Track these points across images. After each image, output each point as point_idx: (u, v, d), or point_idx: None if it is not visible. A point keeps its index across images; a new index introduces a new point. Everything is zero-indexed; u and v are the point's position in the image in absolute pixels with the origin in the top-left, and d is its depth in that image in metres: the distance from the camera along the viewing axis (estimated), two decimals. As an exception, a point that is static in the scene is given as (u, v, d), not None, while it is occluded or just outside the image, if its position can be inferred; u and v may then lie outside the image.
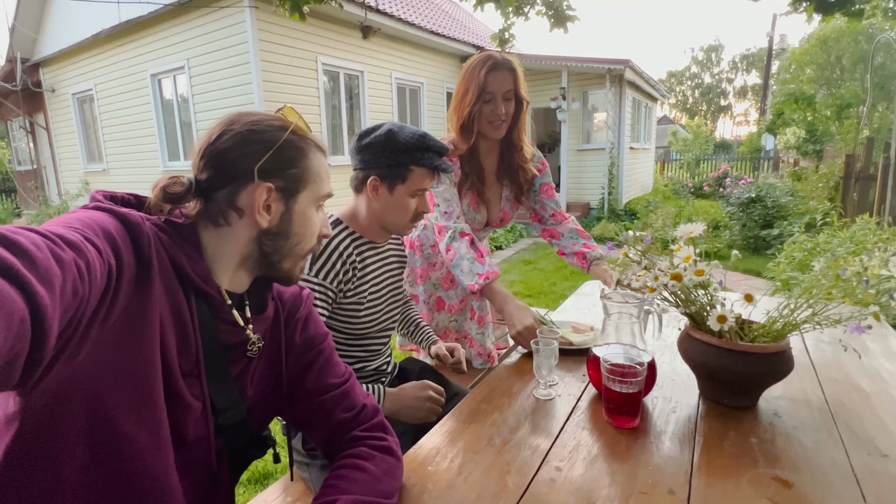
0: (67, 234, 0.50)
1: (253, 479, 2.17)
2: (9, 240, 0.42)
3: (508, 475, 0.85)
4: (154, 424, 0.64)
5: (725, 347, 0.98)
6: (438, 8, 10.39)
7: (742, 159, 14.70)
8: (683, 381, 1.17)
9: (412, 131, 1.20)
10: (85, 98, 9.03)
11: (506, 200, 1.74)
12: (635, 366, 0.96)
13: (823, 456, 0.88)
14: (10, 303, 0.38)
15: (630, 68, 9.05)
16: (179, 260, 0.68)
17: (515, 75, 1.52)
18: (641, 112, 11.59)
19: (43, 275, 0.43)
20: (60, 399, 0.57)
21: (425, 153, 1.20)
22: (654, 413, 1.04)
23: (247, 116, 0.75)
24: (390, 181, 1.22)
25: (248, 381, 0.80)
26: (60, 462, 0.59)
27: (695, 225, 0.99)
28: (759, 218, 6.33)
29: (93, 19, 7.72)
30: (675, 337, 1.39)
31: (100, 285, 0.54)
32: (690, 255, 0.97)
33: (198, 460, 0.74)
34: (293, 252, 0.78)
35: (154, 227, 0.67)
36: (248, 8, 5.85)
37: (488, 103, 1.50)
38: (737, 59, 45.78)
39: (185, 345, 0.69)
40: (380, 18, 7.03)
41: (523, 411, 1.08)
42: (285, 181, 0.74)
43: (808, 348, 1.37)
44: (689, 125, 19.43)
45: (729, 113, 48.78)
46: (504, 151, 1.67)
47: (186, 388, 0.69)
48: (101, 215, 0.61)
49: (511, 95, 1.52)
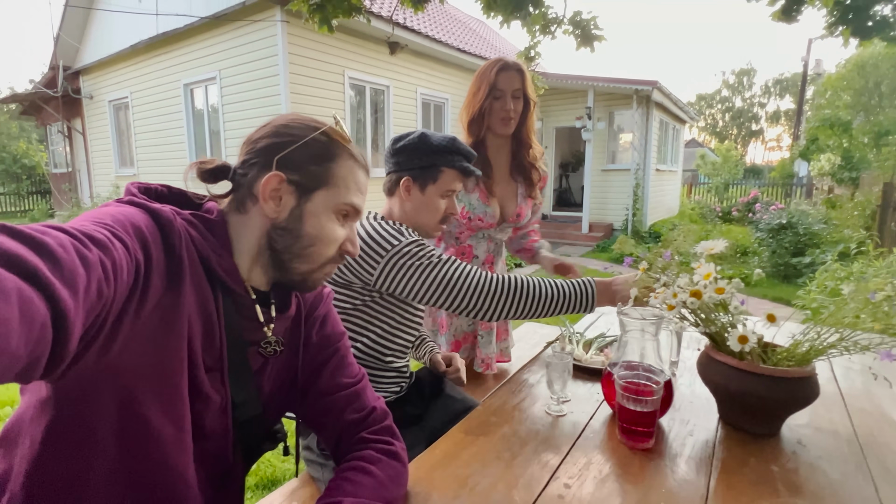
0: (94, 233, 0.51)
1: (261, 485, 2.16)
2: (35, 241, 0.42)
3: (515, 489, 0.83)
4: (178, 418, 0.66)
5: (747, 370, 0.94)
6: (465, 25, 10.53)
7: (773, 185, 14.41)
8: (703, 404, 1.13)
9: (443, 135, 1.28)
10: (120, 105, 9.34)
11: (521, 197, 1.77)
12: (651, 384, 0.93)
13: (850, 489, 0.84)
14: (33, 308, 0.38)
15: (658, 89, 8.98)
16: (208, 256, 0.69)
17: (524, 76, 1.61)
18: (669, 134, 11.48)
19: (67, 277, 0.43)
20: (92, 392, 0.59)
21: (455, 155, 1.27)
22: (670, 435, 1.01)
23: (291, 115, 0.77)
24: (422, 181, 1.27)
25: (265, 376, 0.81)
26: (92, 451, 0.62)
27: (716, 241, 0.97)
28: (789, 245, 6.16)
29: (132, 30, 8.02)
30: (695, 359, 1.35)
31: (126, 282, 0.54)
32: (711, 273, 0.94)
33: (214, 452, 0.75)
34: (305, 254, 0.75)
35: (185, 222, 0.68)
36: (279, 22, 6.00)
37: (498, 100, 1.59)
38: (769, 84, 45.19)
39: (209, 340, 0.70)
40: (407, 35, 7.15)
41: (534, 426, 1.05)
42: (302, 176, 0.73)
43: (836, 377, 1.32)
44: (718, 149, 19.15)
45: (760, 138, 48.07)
46: (514, 149, 1.73)
47: (209, 382, 0.70)
48: (132, 210, 0.61)
49: (520, 94, 1.60)
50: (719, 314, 0.98)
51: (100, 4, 8.93)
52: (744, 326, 0.94)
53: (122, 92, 9.03)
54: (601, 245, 8.72)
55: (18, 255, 0.39)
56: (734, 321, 0.95)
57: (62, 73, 9.76)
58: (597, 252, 8.33)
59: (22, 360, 0.38)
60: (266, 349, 0.78)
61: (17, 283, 0.38)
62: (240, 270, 0.73)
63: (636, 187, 9.26)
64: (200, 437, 0.71)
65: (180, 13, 6.99)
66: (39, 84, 10.52)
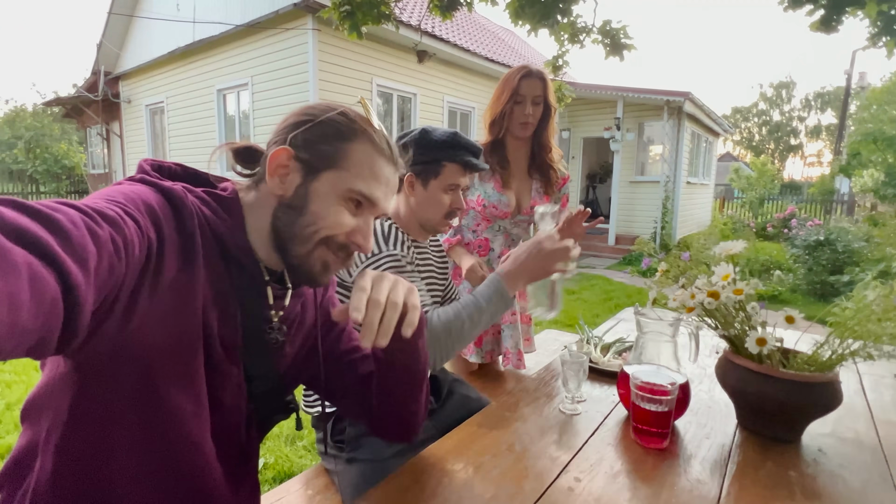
0: (105, 210, 0.51)
1: (278, 478, 2.19)
2: (47, 217, 0.42)
3: (525, 480, 0.83)
4: (195, 393, 0.68)
5: (766, 374, 0.93)
6: (493, 34, 10.60)
7: (812, 201, 13.97)
8: (721, 409, 1.11)
9: (444, 130, 1.28)
10: (156, 109, 9.66)
11: (535, 192, 1.85)
12: (666, 385, 0.93)
13: (871, 499, 0.81)
14: (43, 283, 0.39)
15: (690, 101, 8.81)
16: (221, 233, 0.69)
17: (546, 83, 1.71)
18: (701, 146, 11.26)
19: (78, 252, 0.43)
20: (112, 368, 0.60)
21: (457, 150, 1.26)
22: (686, 437, 1.00)
23: (322, 101, 0.78)
24: (424, 177, 1.27)
25: (282, 351, 0.81)
26: (114, 426, 0.63)
27: (734, 243, 0.96)
28: (827, 262, 5.91)
29: (170, 37, 8.32)
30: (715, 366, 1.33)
31: (139, 259, 0.55)
32: (729, 273, 0.93)
33: (230, 425, 0.76)
34: (305, 234, 0.71)
35: (197, 199, 0.68)
36: (310, 30, 6.15)
37: (519, 104, 1.70)
38: (810, 97, 43.89)
39: (225, 316, 0.70)
40: (435, 43, 7.23)
41: (547, 423, 1.05)
42: (311, 154, 0.71)
43: (864, 388, 1.28)
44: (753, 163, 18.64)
45: (799, 152, 46.72)
46: (535, 151, 1.83)
47: (226, 357, 0.71)
48: (144, 189, 0.62)
49: (540, 100, 1.71)
50: (737, 316, 0.97)
51: (140, 12, 9.28)
52: (762, 329, 0.92)
53: (159, 97, 9.34)
54: (628, 258, 8.59)
55: (30, 231, 0.40)
56: (752, 323, 0.94)
57: (103, 78, 10.17)
58: (623, 265, 8.21)
59: (33, 335, 0.39)
60: (270, 335, 0.78)
61: (28, 258, 0.38)
62: (256, 249, 0.73)
63: (665, 200, 9.09)
64: (218, 411, 0.72)
65: (216, 21, 7.21)
66: (82, 88, 10.99)
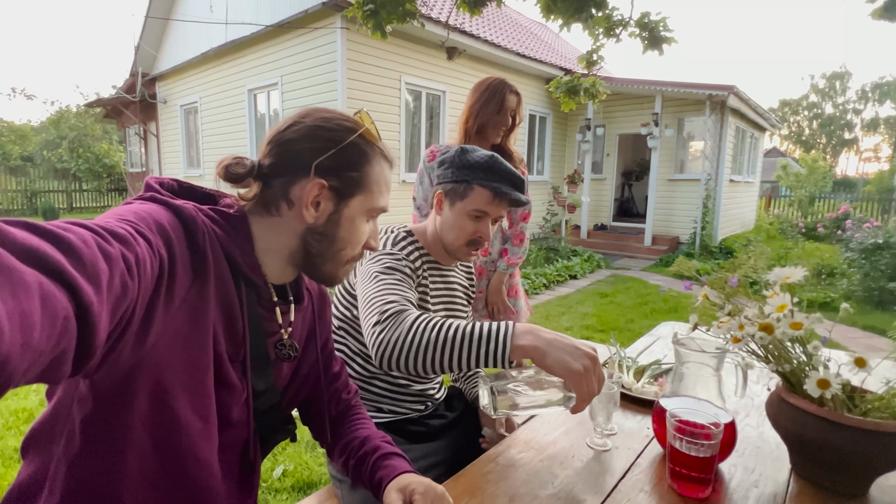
0: (117, 229, 0.51)
1: (297, 487, 2.15)
2: (56, 236, 0.42)
3: (545, 541, 0.74)
4: (205, 410, 0.68)
5: (829, 419, 0.80)
6: (525, 29, 10.41)
7: (868, 200, 13.24)
8: (772, 450, 0.99)
9: (483, 153, 1.19)
10: (191, 109, 9.87)
11: None
12: (709, 425, 0.82)
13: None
14: (55, 302, 0.38)
15: (734, 94, 8.38)
16: (231, 250, 0.70)
17: (520, 98, 2.00)
18: (746, 142, 10.77)
19: (90, 271, 0.43)
20: (128, 387, 0.60)
21: (491, 174, 1.17)
22: (731, 484, 0.88)
23: (320, 112, 0.76)
24: (452, 196, 1.20)
25: (282, 366, 0.83)
26: (127, 445, 0.63)
27: (794, 269, 0.83)
28: (886, 268, 5.49)
29: (203, 39, 8.47)
30: (765, 397, 1.20)
31: (151, 277, 0.55)
32: (786, 304, 0.81)
33: (237, 442, 0.77)
34: (336, 257, 0.77)
35: (207, 218, 0.68)
36: (339, 29, 6.13)
37: (499, 114, 1.95)
38: (867, 88, 41.65)
39: (232, 332, 0.71)
40: (465, 40, 7.13)
41: (573, 461, 0.95)
42: (341, 182, 0.73)
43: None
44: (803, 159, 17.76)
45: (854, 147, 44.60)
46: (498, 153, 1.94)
47: (234, 374, 0.72)
48: (155, 208, 0.62)
49: (514, 113, 1.98)
50: (795, 350, 0.85)
51: (176, 15, 9.49)
52: (825, 369, 0.80)
53: (193, 97, 9.54)
54: (665, 259, 8.29)
55: (40, 250, 0.39)
56: (813, 362, 0.81)
57: (140, 79, 10.49)
58: (659, 266, 7.91)
59: (46, 355, 0.38)
60: (281, 351, 0.80)
61: (39, 277, 0.37)
62: (265, 267, 0.75)
63: (706, 199, 8.68)
64: (225, 427, 0.73)
65: (247, 21, 7.29)
66: (121, 90, 11.37)
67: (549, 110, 9.66)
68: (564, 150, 10.32)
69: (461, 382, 1.48)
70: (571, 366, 0.79)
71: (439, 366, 0.86)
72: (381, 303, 0.95)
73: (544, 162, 9.93)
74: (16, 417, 2.71)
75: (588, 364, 0.79)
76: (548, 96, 9.36)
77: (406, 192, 7.50)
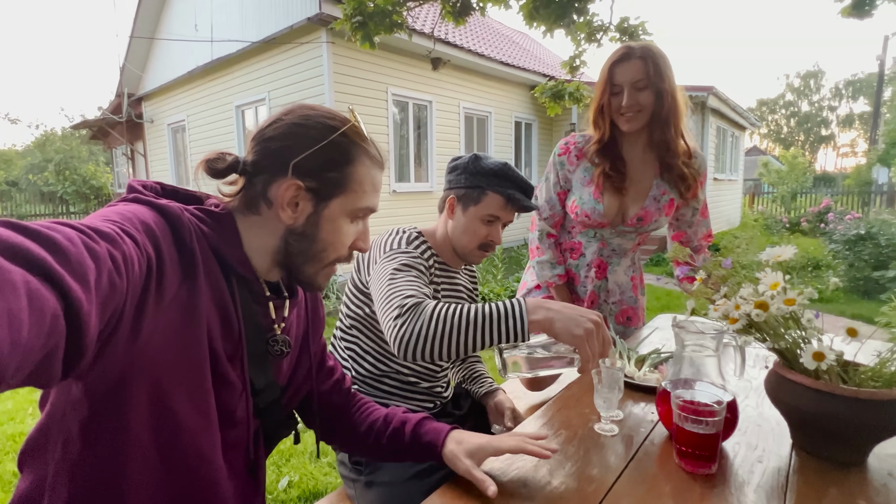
0: (103, 228, 0.51)
1: (303, 497, 2.15)
2: (42, 235, 0.42)
3: (563, 518, 0.76)
4: (205, 407, 0.68)
5: (825, 391, 0.84)
6: (507, 38, 10.55)
7: (848, 193, 13.47)
8: (772, 427, 1.02)
9: (497, 160, 1.24)
10: (178, 128, 9.86)
11: (652, 200, 1.58)
12: (712, 404, 0.85)
13: (954, 530, 0.72)
14: (43, 300, 0.38)
15: (714, 95, 8.62)
16: (219, 247, 0.69)
17: (649, 63, 1.40)
18: (727, 141, 11.00)
19: (76, 269, 0.42)
20: (123, 387, 0.60)
21: (504, 181, 1.22)
22: (736, 461, 0.91)
23: (304, 109, 0.74)
24: (465, 201, 1.24)
25: (281, 362, 0.83)
26: (128, 446, 0.63)
27: (784, 248, 0.88)
28: (869, 257, 5.64)
29: (189, 57, 8.48)
30: (762, 380, 1.24)
31: (139, 275, 0.54)
32: (779, 282, 0.85)
33: (240, 440, 0.77)
34: (317, 258, 0.76)
35: (192, 216, 0.68)
36: (324, 43, 6.19)
37: (616, 95, 1.45)
38: (840, 86, 42.64)
39: (227, 329, 0.70)
40: (449, 50, 7.22)
41: (582, 445, 0.98)
42: (319, 183, 0.72)
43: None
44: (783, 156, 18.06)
45: (831, 143, 45.44)
46: (656, 149, 1.55)
47: (231, 371, 0.71)
48: (139, 208, 0.62)
49: (644, 85, 1.41)
50: (790, 329, 0.89)
51: (160, 34, 9.50)
52: (819, 342, 0.84)
53: (180, 115, 9.53)
54: (654, 258, 8.39)
55: (25, 248, 0.39)
56: (808, 336, 0.85)
57: (126, 99, 10.45)
58: (649, 266, 8.01)
59: (36, 354, 0.37)
60: (273, 348, 0.79)
61: (25, 276, 0.37)
62: (254, 264, 0.75)
63: (691, 198, 8.88)
64: (227, 425, 0.72)
65: (233, 39, 7.33)
66: (107, 110, 11.31)
67: (534, 117, 9.78)
68: (550, 155, 10.43)
69: (467, 384, 1.50)
70: (573, 331, 0.86)
71: (463, 348, 0.90)
72: (400, 297, 0.97)
73: (532, 168, 10.03)
74: (12, 442, 2.68)
75: (590, 327, 0.87)
76: (532, 103, 9.48)
77: (397, 203, 7.56)
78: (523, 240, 9.31)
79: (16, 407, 3.09)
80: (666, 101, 1.43)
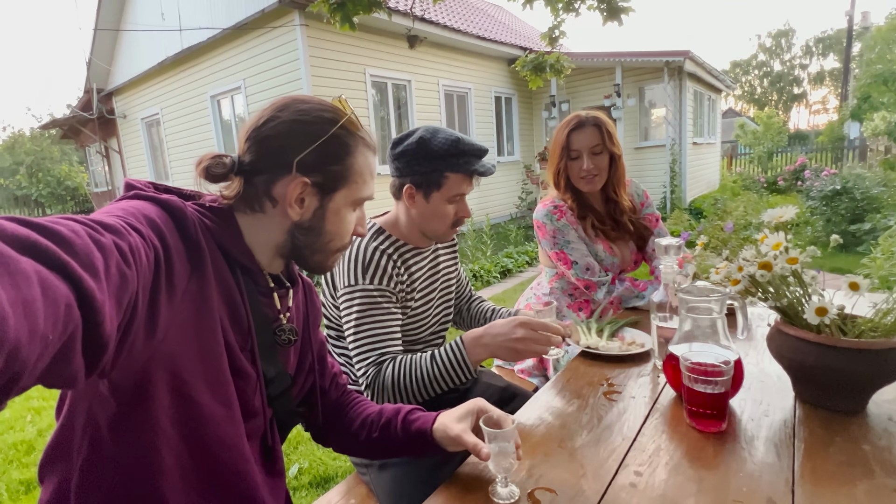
0: (106, 220, 0.51)
1: (314, 483, 2.18)
2: (48, 229, 0.42)
3: (584, 479, 0.79)
4: (226, 397, 0.69)
5: (826, 344, 0.87)
6: (484, 13, 10.40)
7: (822, 150, 13.67)
8: (774, 382, 1.06)
9: (445, 137, 1.17)
10: (152, 122, 9.62)
11: (632, 243, 1.77)
12: (720, 364, 0.88)
13: (953, 466, 0.76)
14: (55, 290, 0.37)
15: (690, 59, 8.59)
16: (223, 240, 0.70)
17: (602, 130, 1.58)
18: (704, 105, 11.03)
19: (84, 260, 0.42)
20: (147, 382, 0.61)
21: (460, 158, 1.17)
22: (744, 417, 0.95)
23: (298, 104, 0.74)
24: (426, 189, 1.20)
25: (289, 351, 0.84)
26: (158, 439, 0.63)
27: (784, 209, 0.90)
28: (846, 212, 5.75)
29: (158, 48, 8.24)
30: (761, 335, 1.27)
31: (147, 267, 0.54)
32: (781, 242, 0.88)
33: (258, 429, 0.79)
34: (325, 248, 0.78)
35: (195, 211, 0.69)
36: (298, 27, 6.05)
37: (575, 160, 1.61)
38: (811, 43, 42.74)
39: (236, 320, 0.71)
40: (426, 27, 7.10)
41: (595, 413, 1.01)
42: (324, 177, 0.73)
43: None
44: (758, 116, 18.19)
45: (804, 101, 45.78)
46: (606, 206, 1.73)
47: (244, 361, 0.72)
48: (141, 203, 0.62)
49: (600, 150, 1.59)
50: (791, 287, 0.92)
51: (126, 25, 9.20)
52: (821, 297, 0.87)
53: (153, 109, 9.30)
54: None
55: (33, 240, 0.39)
56: (810, 291, 0.88)
57: (96, 95, 10.13)
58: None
59: (54, 344, 0.37)
60: (280, 336, 0.80)
61: (36, 266, 0.37)
62: (257, 257, 0.76)
63: (673, 163, 8.92)
64: (249, 416, 0.74)
65: (202, 26, 7.12)
66: (76, 108, 10.96)
67: (513, 91, 9.71)
68: (532, 128, 10.40)
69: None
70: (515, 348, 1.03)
71: (423, 399, 1.10)
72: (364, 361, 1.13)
73: (514, 142, 10.00)
74: (16, 450, 2.67)
75: (520, 335, 1.02)
76: (512, 77, 9.40)
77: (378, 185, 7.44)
78: (510, 215, 9.34)
79: (14, 416, 3.07)
80: (619, 164, 1.63)
